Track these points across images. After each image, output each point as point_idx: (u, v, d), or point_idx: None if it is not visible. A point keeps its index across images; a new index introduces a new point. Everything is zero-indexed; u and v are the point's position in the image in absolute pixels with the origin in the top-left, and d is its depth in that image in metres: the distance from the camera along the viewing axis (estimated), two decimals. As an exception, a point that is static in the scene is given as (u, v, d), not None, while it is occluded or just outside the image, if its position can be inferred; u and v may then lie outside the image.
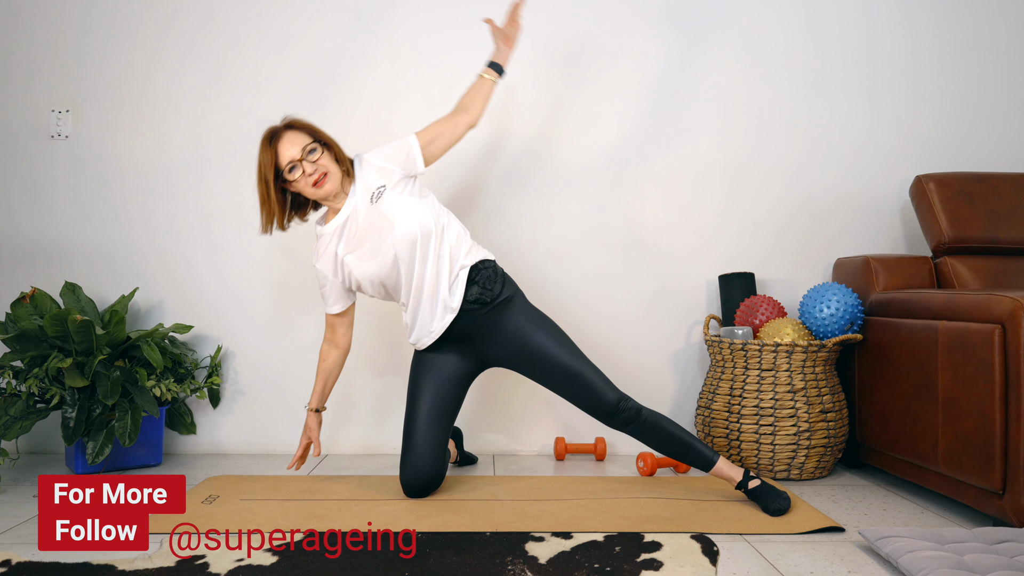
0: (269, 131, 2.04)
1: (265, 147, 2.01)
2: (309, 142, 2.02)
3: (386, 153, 2.09)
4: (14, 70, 2.70)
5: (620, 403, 2.03)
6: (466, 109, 2.16)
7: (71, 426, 2.26)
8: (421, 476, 2.08)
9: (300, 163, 2.00)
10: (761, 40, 2.78)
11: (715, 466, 2.05)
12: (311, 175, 2.00)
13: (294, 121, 2.07)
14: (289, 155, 1.99)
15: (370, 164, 2.08)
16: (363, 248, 2.06)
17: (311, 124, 2.08)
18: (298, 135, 2.03)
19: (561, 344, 2.08)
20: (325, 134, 2.07)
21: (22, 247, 2.70)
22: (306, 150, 2.00)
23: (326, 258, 2.12)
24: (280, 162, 2.00)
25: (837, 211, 2.77)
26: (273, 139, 2.02)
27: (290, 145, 2.00)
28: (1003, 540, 1.68)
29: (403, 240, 2.02)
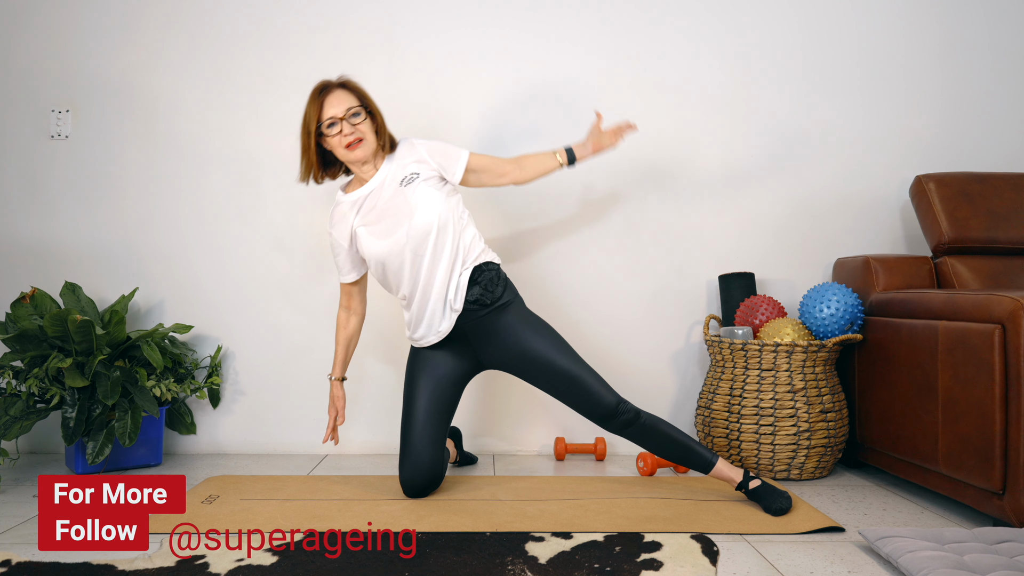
0: (321, 84, 2.07)
1: (313, 98, 2.04)
2: (355, 104, 2.04)
3: (433, 147, 2.13)
4: (14, 70, 2.71)
5: (618, 406, 2.03)
6: (522, 167, 2.22)
7: (71, 426, 2.26)
8: (420, 475, 2.08)
9: (340, 122, 2.02)
10: (761, 40, 2.78)
11: (714, 468, 2.05)
12: (347, 136, 2.02)
13: (347, 81, 2.09)
14: (332, 111, 2.02)
15: (413, 149, 2.12)
16: (378, 226, 2.07)
17: (363, 88, 2.10)
18: (347, 95, 2.05)
19: (559, 348, 2.07)
20: (373, 102, 2.10)
21: (22, 247, 2.70)
22: (350, 111, 2.02)
23: (341, 227, 2.14)
24: (322, 115, 2.02)
25: (837, 211, 2.78)
26: (322, 92, 2.04)
27: (336, 102, 2.03)
28: (1003, 540, 1.68)
29: (419, 230, 2.04)
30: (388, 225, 2.06)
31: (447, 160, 2.12)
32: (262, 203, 2.73)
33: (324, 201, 2.73)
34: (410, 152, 2.11)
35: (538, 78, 2.75)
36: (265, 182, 2.73)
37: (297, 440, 2.71)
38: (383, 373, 2.70)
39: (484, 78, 2.75)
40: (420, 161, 2.09)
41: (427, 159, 2.10)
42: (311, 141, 2.05)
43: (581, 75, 2.75)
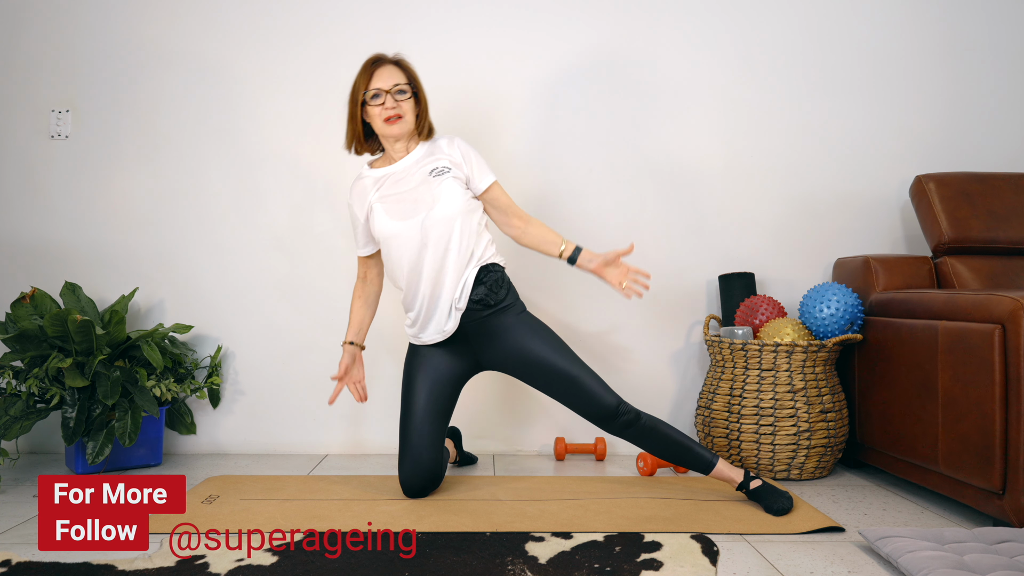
0: (375, 56, 2.10)
1: (365, 68, 2.08)
2: (403, 82, 2.08)
3: (471, 154, 2.14)
4: (14, 70, 2.71)
5: (619, 408, 2.02)
6: (527, 231, 2.21)
7: (71, 426, 2.26)
8: (420, 475, 2.08)
9: (385, 95, 2.05)
10: (761, 40, 2.78)
11: (715, 468, 2.05)
12: (388, 110, 2.05)
13: (401, 59, 2.13)
14: (379, 83, 2.05)
15: (452, 146, 2.14)
16: (396, 207, 2.08)
17: (414, 70, 2.14)
18: (397, 71, 2.09)
19: (558, 350, 2.07)
20: (421, 85, 2.13)
21: (22, 247, 2.70)
22: (396, 87, 2.06)
23: (360, 200, 2.15)
24: (370, 84, 2.06)
25: (837, 211, 2.78)
26: (375, 64, 2.08)
27: (386, 76, 2.06)
28: (1003, 540, 1.68)
29: (435, 221, 2.04)
30: (405, 209, 2.07)
31: (477, 172, 2.14)
32: (262, 203, 2.73)
33: (325, 201, 2.73)
34: (449, 147, 2.13)
35: (538, 79, 2.75)
36: (265, 182, 2.73)
37: (297, 440, 2.71)
38: (383, 373, 2.70)
39: (484, 77, 2.75)
40: (455, 163, 2.11)
41: (462, 161, 2.12)
42: (356, 109, 2.09)
43: (581, 75, 2.75)
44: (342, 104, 2.70)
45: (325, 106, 2.73)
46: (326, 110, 2.73)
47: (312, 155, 2.73)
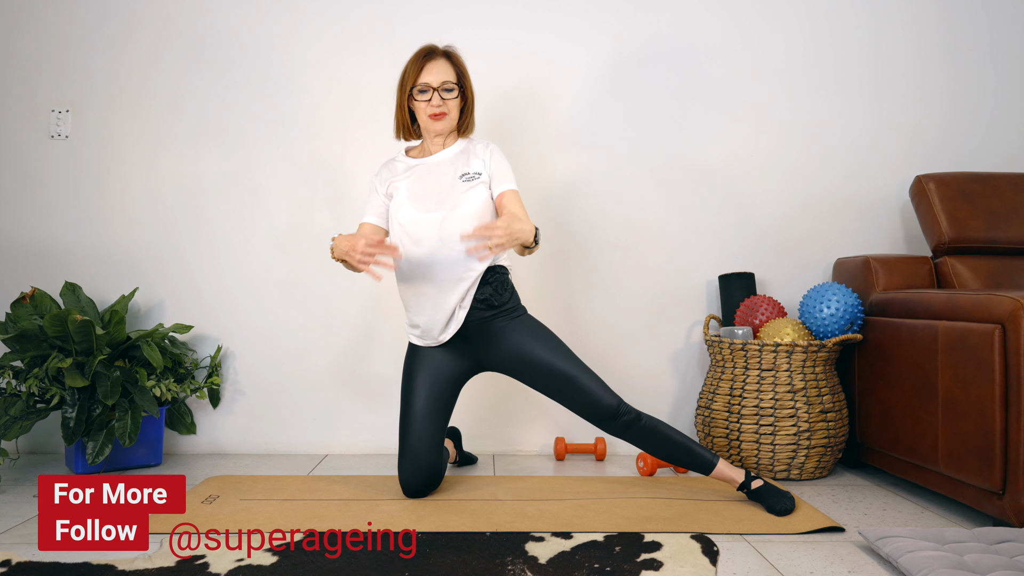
0: (427, 48, 2.11)
1: (416, 60, 2.10)
2: (452, 79, 2.10)
3: (498, 160, 2.14)
4: (14, 70, 2.71)
5: (619, 408, 2.03)
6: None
7: (71, 426, 2.26)
8: (419, 475, 2.08)
9: (433, 92, 2.07)
10: (761, 40, 2.78)
11: (715, 469, 2.05)
12: (435, 106, 2.08)
13: (453, 53, 2.13)
14: (428, 78, 2.07)
15: (486, 151, 2.15)
16: (421, 200, 2.08)
17: (464, 65, 2.15)
18: (448, 68, 2.10)
19: (558, 352, 2.07)
20: (470, 82, 2.15)
21: (22, 247, 2.70)
22: (444, 84, 2.08)
23: (386, 177, 2.17)
24: (419, 79, 2.08)
25: (837, 211, 2.78)
26: (426, 57, 2.09)
27: (436, 71, 2.08)
28: (1003, 540, 1.68)
29: (456, 222, 2.02)
30: (429, 204, 2.08)
31: (498, 176, 2.12)
32: (262, 203, 2.73)
33: (325, 201, 2.73)
34: (483, 152, 2.14)
35: (538, 77, 2.75)
36: (265, 182, 2.73)
37: (297, 440, 2.71)
38: (383, 372, 2.70)
39: (484, 78, 2.74)
40: (485, 164, 2.12)
41: (489, 164, 2.13)
42: (404, 100, 2.12)
43: (581, 74, 2.75)
44: (343, 104, 2.74)
45: (325, 106, 2.73)
46: (326, 110, 2.73)
47: (312, 155, 2.73)
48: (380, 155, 2.71)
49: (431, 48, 2.11)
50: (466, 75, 2.14)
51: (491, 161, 2.13)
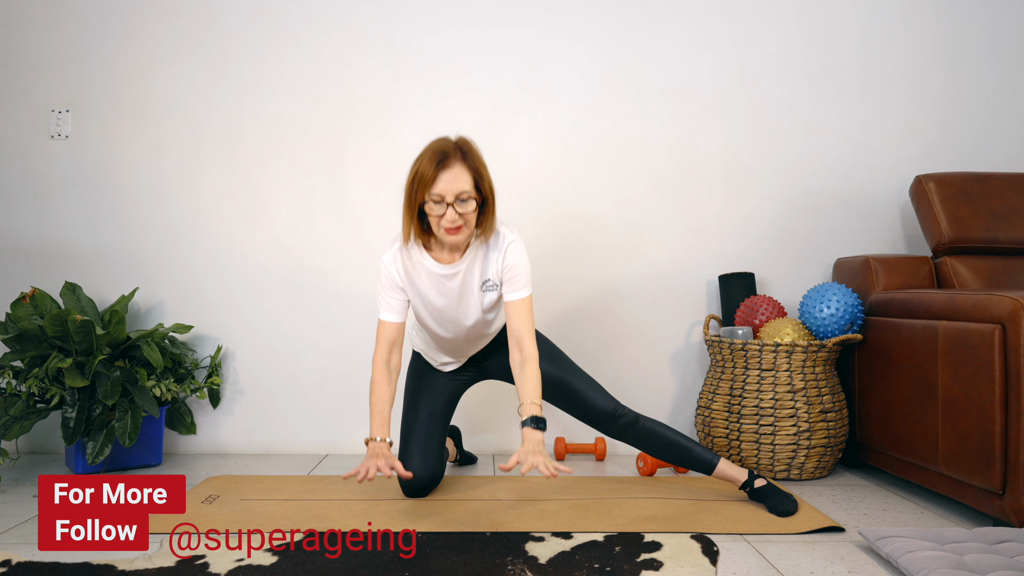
0: (440, 150, 1.82)
1: (430, 163, 1.81)
2: (469, 189, 1.82)
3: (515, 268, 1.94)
4: (14, 70, 2.71)
5: (615, 412, 2.05)
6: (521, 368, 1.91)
7: (71, 426, 2.26)
8: (419, 476, 2.08)
9: (448, 206, 1.82)
10: (761, 40, 2.78)
11: (716, 468, 2.05)
12: (450, 221, 1.82)
13: (469, 151, 1.85)
14: (443, 188, 1.80)
15: (503, 258, 1.94)
16: (442, 302, 1.99)
17: (481, 161, 1.87)
18: (464, 174, 1.82)
19: (554, 361, 2.09)
20: (488, 182, 1.88)
21: (22, 247, 2.70)
22: (459, 196, 1.82)
23: (404, 276, 1.96)
24: (432, 190, 1.81)
25: (837, 211, 2.78)
26: (440, 163, 1.81)
27: (452, 181, 1.81)
28: (1003, 540, 1.68)
29: (478, 323, 2.03)
30: (449, 302, 1.98)
31: (511, 283, 1.95)
32: (262, 203, 2.73)
33: (325, 201, 2.73)
34: (498, 259, 1.95)
35: (539, 76, 2.75)
36: (265, 182, 2.73)
37: (297, 440, 2.71)
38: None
39: (484, 77, 2.75)
40: (498, 272, 1.96)
41: (502, 271, 1.95)
42: (414, 208, 1.86)
43: (582, 74, 2.75)
44: (343, 104, 2.74)
45: (325, 106, 2.73)
46: (326, 110, 2.73)
47: (312, 155, 2.73)
48: (380, 155, 2.73)
49: (444, 151, 1.82)
50: (484, 175, 1.86)
51: (504, 269, 1.95)
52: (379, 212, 2.72)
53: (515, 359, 1.92)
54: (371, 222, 2.72)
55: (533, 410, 1.82)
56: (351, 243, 2.73)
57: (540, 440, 1.77)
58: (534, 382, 1.87)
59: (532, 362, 1.89)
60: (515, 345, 1.93)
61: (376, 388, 1.92)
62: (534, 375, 1.88)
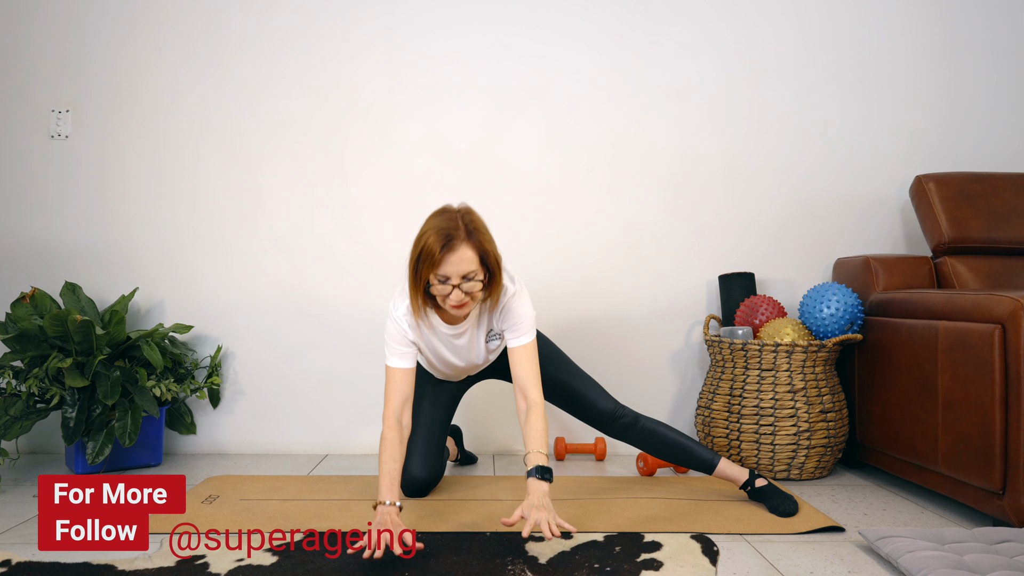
0: (445, 232, 1.73)
1: (435, 243, 1.72)
2: (475, 268, 1.76)
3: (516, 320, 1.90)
4: (14, 70, 2.70)
5: (616, 412, 2.06)
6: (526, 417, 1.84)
7: (71, 426, 2.26)
8: (420, 475, 2.08)
9: (453, 288, 1.76)
10: (761, 40, 2.78)
11: (717, 468, 2.05)
12: (454, 301, 1.77)
13: (475, 229, 1.76)
14: (448, 270, 1.73)
15: (505, 312, 1.91)
16: (448, 353, 2.00)
17: (487, 236, 1.79)
18: (471, 254, 1.74)
19: (554, 362, 2.10)
20: (494, 256, 1.79)
21: (22, 247, 2.70)
22: (465, 277, 1.75)
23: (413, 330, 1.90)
24: (438, 270, 1.74)
25: (837, 211, 2.78)
26: (446, 246, 1.72)
27: (458, 263, 1.73)
28: (1003, 540, 1.68)
29: (476, 366, 2.06)
30: (457, 354, 1.99)
31: (512, 331, 1.91)
32: (262, 203, 2.73)
33: (325, 201, 2.73)
34: (501, 312, 1.92)
35: (539, 76, 2.75)
36: (265, 182, 2.73)
37: (297, 440, 2.71)
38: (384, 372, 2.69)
39: (484, 77, 2.75)
40: (498, 324, 1.94)
41: (502, 323, 1.93)
42: (420, 285, 1.79)
43: (582, 73, 2.75)
44: (343, 104, 2.73)
45: (325, 106, 2.73)
46: (326, 110, 2.73)
47: (312, 155, 2.73)
48: (380, 155, 2.73)
49: (449, 233, 1.73)
50: (490, 250, 1.77)
51: (504, 320, 1.92)
52: (379, 212, 2.72)
53: (520, 407, 1.87)
54: (371, 222, 2.73)
55: (539, 460, 1.75)
56: (351, 243, 2.73)
57: (545, 492, 1.70)
58: (539, 431, 1.80)
59: (537, 410, 1.83)
60: (519, 393, 1.87)
61: (387, 447, 1.79)
62: (539, 423, 1.81)
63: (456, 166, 2.74)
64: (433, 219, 1.78)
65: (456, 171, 2.74)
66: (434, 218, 1.79)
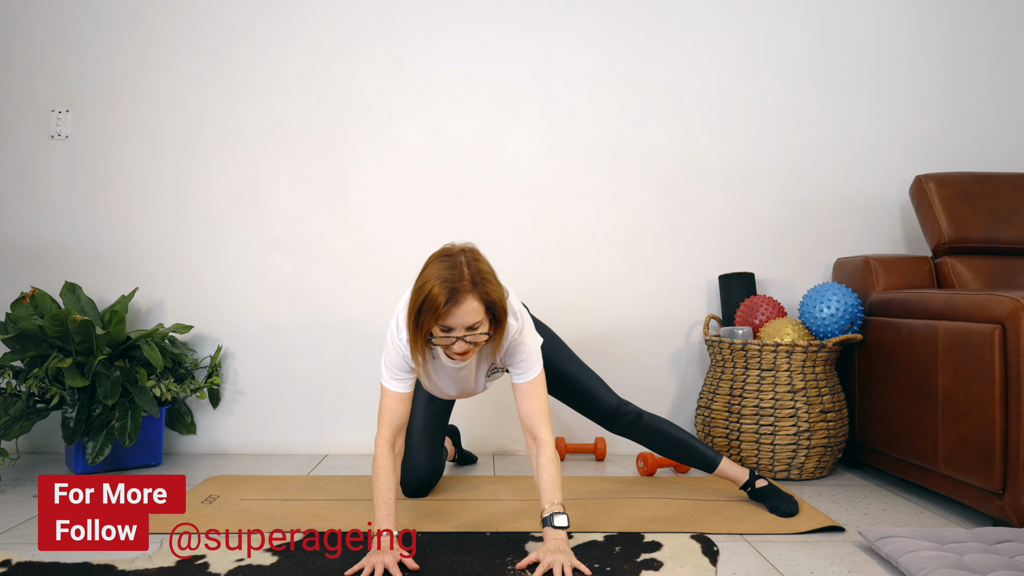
0: (450, 283, 1.59)
1: (439, 295, 1.58)
2: (481, 319, 1.64)
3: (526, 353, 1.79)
4: (14, 70, 2.70)
5: (619, 408, 2.04)
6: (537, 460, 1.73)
7: (71, 426, 2.26)
8: (419, 475, 2.08)
9: (456, 339, 1.64)
10: (762, 40, 2.78)
11: (718, 467, 2.05)
12: (457, 351, 1.66)
13: (482, 280, 1.62)
14: (453, 321, 1.62)
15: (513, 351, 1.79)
16: (447, 383, 1.92)
17: (494, 284, 1.66)
18: (476, 305, 1.62)
19: (560, 354, 2.06)
20: (501, 304, 1.66)
21: (22, 247, 2.70)
22: (472, 327, 1.63)
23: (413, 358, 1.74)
24: (441, 322, 1.62)
25: (837, 211, 2.78)
26: (451, 299, 1.59)
27: (463, 316, 1.61)
28: (1003, 540, 1.68)
29: (473, 395, 2.00)
30: (456, 385, 1.92)
31: (518, 368, 1.80)
32: (262, 203, 2.73)
33: (325, 201, 2.73)
34: (508, 356, 1.80)
35: (539, 76, 2.75)
36: (265, 182, 2.73)
37: (297, 440, 2.71)
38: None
39: (484, 77, 2.75)
40: (503, 360, 1.83)
41: (507, 361, 1.82)
42: (420, 336, 1.66)
43: (582, 73, 2.75)
44: (343, 104, 2.73)
45: (325, 106, 2.73)
46: (326, 110, 2.73)
47: (312, 155, 2.73)
48: (380, 156, 2.73)
49: (455, 286, 1.59)
50: (496, 299, 1.64)
51: (509, 359, 1.81)
52: (379, 212, 2.73)
53: (530, 448, 1.75)
54: (371, 222, 2.73)
55: (555, 509, 1.65)
56: (351, 243, 2.73)
57: (563, 539, 1.62)
58: (554, 479, 1.68)
59: (548, 452, 1.71)
60: (528, 434, 1.76)
61: (380, 474, 1.69)
62: (552, 470, 1.69)
63: (456, 166, 2.74)
64: (436, 266, 1.63)
65: (456, 171, 2.74)
66: (437, 264, 1.63)
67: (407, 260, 2.57)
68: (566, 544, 1.61)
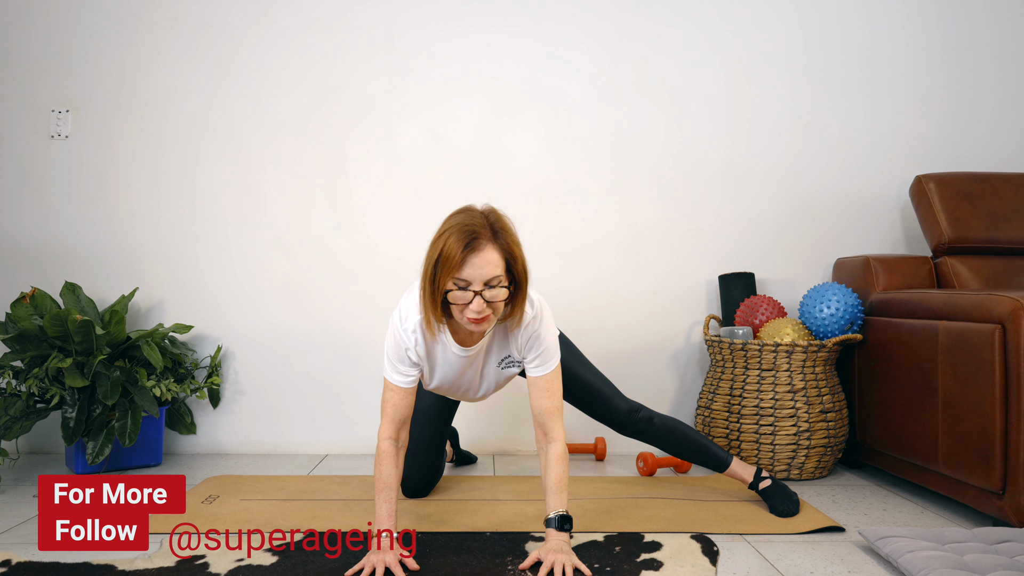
0: (469, 228, 1.54)
1: (456, 243, 1.52)
2: (501, 274, 1.56)
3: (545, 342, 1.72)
4: (14, 70, 2.70)
5: (631, 413, 2.04)
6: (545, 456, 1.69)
7: (71, 426, 2.26)
8: (419, 475, 2.08)
9: (475, 294, 1.55)
10: (762, 40, 2.78)
11: (729, 468, 2.06)
12: (475, 311, 1.55)
13: (501, 228, 1.58)
14: (471, 273, 1.53)
15: (525, 335, 1.71)
16: (454, 376, 1.83)
17: (515, 239, 1.60)
18: (496, 257, 1.55)
19: (574, 355, 2.05)
20: (522, 263, 1.60)
21: (22, 247, 2.70)
22: (490, 283, 1.55)
23: (420, 348, 1.71)
24: (459, 273, 1.54)
25: (837, 211, 2.78)
26: (469, 245, 1.53)
27: (482, 266, 1.53)
28: (1003, 540, 1.68)
29: (479, 396, 1.92)
30: (463, 378, 1.82)
31: (535, 360, 1.73)
32: (262, 203, 2.73)
33: (325, 201, 2.73)
34: (521, 335, 1.72)
35: (539, 76, 2.75)
36: (265, 182, 2.73)
37: (297, 440, 2.71)
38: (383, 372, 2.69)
39: (485, 77, 2.75)
40: (520, 352, 1.75)
41: (523, 348, 1.74)
42: (438, 294, 1.57)
43: (582, 73, 2.75)
44: (343, 104, 2.73)
45: (325, 106, 2.73)
46: (326, 110, 2.73)
47: (312, 155, 2.73)
48: (380, 156, 2.73)
49: (473, 230, 1.53)
50: (517, 255, 1.58)
51: (525, 345, 1.73)
52: (379, 212, 2.73)
53: (540, 443, 1.71)
54: (371, 222, 2.73)
55: (560, 511, 1.63)
56: (351, 243, 2.73)
57: (566, 540, 1.60)
58: (562, 480, 1.65)
59: (557, 447, 1.67)
60: (540, 429, 1.71)
61: (382, 471, 1.65)
62: (561, 470, 1.66)
63: (456, 166, 2.74)
64: (454, 217, 1.58)
65: (456, 171, 2.73)
66: (455, 216, 1.58)
67: (407, 260, 2.57)
68: (568, 544, 1.62)
